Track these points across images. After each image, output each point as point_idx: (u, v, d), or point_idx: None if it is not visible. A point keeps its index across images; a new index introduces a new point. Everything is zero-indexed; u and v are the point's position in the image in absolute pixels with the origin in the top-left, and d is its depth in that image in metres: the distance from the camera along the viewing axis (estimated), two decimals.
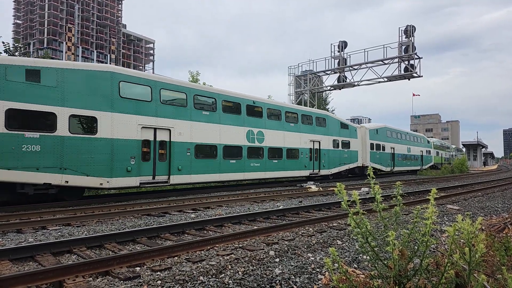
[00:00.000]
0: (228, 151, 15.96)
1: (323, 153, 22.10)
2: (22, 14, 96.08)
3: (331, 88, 32.23)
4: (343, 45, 29.66)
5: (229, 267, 4.58)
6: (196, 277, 4.18)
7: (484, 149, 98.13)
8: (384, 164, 29.67)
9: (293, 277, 4.26)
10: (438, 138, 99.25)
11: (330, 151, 22.75)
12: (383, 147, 29.58)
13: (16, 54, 20.42)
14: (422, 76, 26.89)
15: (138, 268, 4.65)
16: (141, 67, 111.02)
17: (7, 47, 20.05)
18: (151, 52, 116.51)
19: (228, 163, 15.97)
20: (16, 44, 22.08)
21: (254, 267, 4.59)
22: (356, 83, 29.84)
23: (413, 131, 57.72)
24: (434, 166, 44.52)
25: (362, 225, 2.68)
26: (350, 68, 29.70)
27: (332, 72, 30.90)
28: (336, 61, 30.07)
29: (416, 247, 2.60)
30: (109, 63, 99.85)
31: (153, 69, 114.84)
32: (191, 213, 9.69)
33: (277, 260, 4.96)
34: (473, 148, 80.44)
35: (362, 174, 26.65)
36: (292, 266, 4.67)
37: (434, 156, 45.56)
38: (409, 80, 27.96)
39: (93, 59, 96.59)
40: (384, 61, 27.76)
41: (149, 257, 4.98)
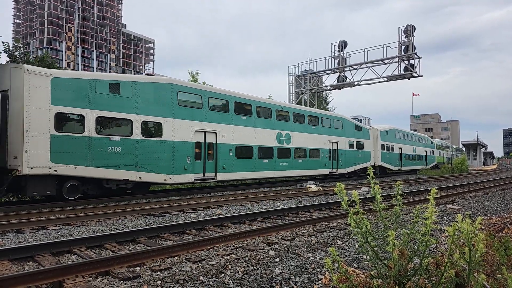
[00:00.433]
0: (262, 151, 17.83)
1: (340, 153, 23.85)
2: (22, 13, 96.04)
3: (331, 88, 32.23)
4: (343, 44, 29.66)
5: (229, 267, 4.58)
6: (196, 277, 4.18)
7: (484, 148, 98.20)
8: (393, 164, 31.36)
9: (293, 277, 4.26)
10: (438, 137, 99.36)
11: (346, 152, 24.45)
12: (392, 148, 31.28)
13: (16, 54, 20.37)
14: (422, 75, 26.92)
15: (138, 268, 4.65)
16: (141, 67, 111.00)
17: (7, 47, 20.02)
18: (151, 51, 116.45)
19: (262, 162, 17.79)
20: (16, 44, 22.04)
21: (254, 267, 4.59)
22: (356, 83, 29.85)
23: (413, 130, 58.71)
24: (436, 165, 45.56)
25: (362, 224, 2.68)
26: (350, 68, 29.71)
27: (332, 72, 30.91)
28: (336, 60, 30.08)
29: (416, 247, 2.60)
30: (109, 63, 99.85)
31: (153, 69, 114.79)
32: (191, 213, 9.69)
33: (277, 260, 4.96)
34: (473, 147, 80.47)
35: (374, 173, 27.14)
36: (292, 266, 4.67)
37: (437, 156, 47.25)
38: (409, 79, 27.96)
39: (93, 59, 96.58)
40: (384, 61, 27.76)
41: (149, 257, 4.97)
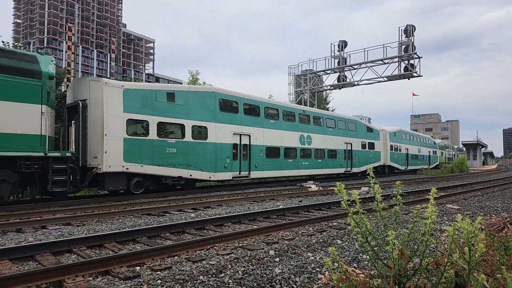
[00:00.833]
0: (287, 152, 19.43)
1: (354, 154, 25.43)
2: (22, 13, 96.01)
3: (331, 88, 32.23)
4: (343, 44, 29.64)
5: (229, 266, 4.58)
6: (196, 277, 4.18)
7: (483, 148, 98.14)
8: (400, 163, 32.99)
9: (293, 276, 4.26)
10: (438, 137, 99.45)
11: (359, 152, 26.07)
12: (399, 148, 32.94)
13: None
14: (422, 75, 26.90)
15: (138, 268, 4.64)
16: (141, 67, 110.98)
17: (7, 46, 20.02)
18: (151, 51, 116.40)
19: (287, 162, 19.43)
20: (16, 43, 22.04)
21: (254, 267, 4.59)
22: (356, 83, 29.84)
23: (413, 130, 59.48)
24: (438, 165, 46.81)
25: (362, 224, 2.68)
26: (350, 68, 29.69)
27: (332, 72, 30.89)
28: (336, 60, 30.06)
29: (416, 247, 2.60)
30: (109, 62, 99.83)
31: (153, 68, 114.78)
32: (191, 212, 9.69)
33: (277, 259, 4.96)
34: (473, 147, 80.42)
35: (383, 172, 30.36)
36: (292, 265, 4.67)
37: (439, 156, 49.13)
38: (409, 79, 27.95)
39: (93, 59, 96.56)
40: (384, 61, 27.75)
41: (149, 257, 4.97)
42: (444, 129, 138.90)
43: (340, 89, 31.82)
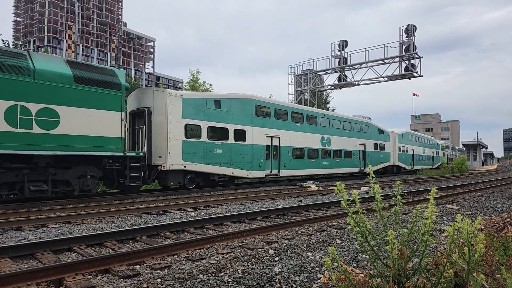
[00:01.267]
0: (310, 152, 21.18)
1: (367, 154, 27.09)
2: (22, 11, 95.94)
3: (332, 88, 32.23)
4: (344, 44, 29.63)
5: (229, 265, 4.59)
6: (196, 276, 4.18)
7: (484, 149, 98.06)
8: (407, 164, 34.74)
9: (292, 276, 4.27)
10: (438, 137, 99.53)
11: (371, 152, 27.77)
12: (406, 149, 34.73)
13: None
14: (422, 75, 26.91)
15: (138, 266, 4.65)
16: (141, 65, 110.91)
17: (7, 45, 20.01)
18: (151, 50, 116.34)
19: (310, 161, 21.18)
20: (16, 42, 22.04)
21: (254, 266, 4.59)
22: (356, 83, 29.84)
23: (413, 130, 60.16)
24: (440, 164, 48.01)
25: (361, 224, 2.69)
26: (351, 68, 29.68)
27: (333, 71, 30.89)
28: (337, 60, 30.05)
29: (415, 247, 2.61)
30: (109, 61, 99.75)
31: (153, 67, 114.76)
32: (191, 211, 9.70)
33: (276, 259, 4.96)
34: (473, 148, 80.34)
35: (392, 172, 32.45)
36: (291, 265, 4.68)
37: (441, 157, 50.97)
38: (409, 79, 27.96)
39: (93, 57, 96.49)
40: (384, 61, 27.75)
41: (149, 255, 4.98)
42: (444, 129, 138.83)
43: (340, 89, 31.81)
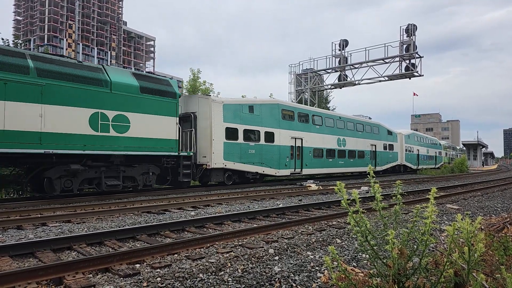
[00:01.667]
0: (328, 152, 22.81)
1: (378, 154, 28.62)
2: (23, 10, 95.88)
3: (332, 87, 32.20)
4: (344, 43, 29.58)
5: (229, 264, 4.59)
6: (196, 275, 4.19)
7: (484, 148, 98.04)
8: (413, 163, 36.35)
9: (292, 275, 4.27)
10: (438, 137, 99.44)
11: (381, 152, 29.33)
12: (412, 149, 36.43)
13: None
14: (423, 75, 26.89)
15: (138, 265, 4.65)
16: (141, 64, 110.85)
17: (7, 44, 19.98)
18: (152, 49, 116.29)
19: (328, 161, 22.83)
20: (16, 41, 22.01)
21: (254, 265, 4.60)
22: (357, 82, 29.81)
23: (414, 130, 60.75)
24: (442, 164, 49.25)
25: (361, 223, 2.69)
26: (351, 67, 29.65)
27: (333, 71, 30.85)
28: (337, 59, 30.00)
29: (415, 246, 2.61)
30: (109, 60, 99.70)
31: (154, 66, 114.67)
32: (191, 210, 9.70)
33: (276, 258, 4.97)
34: (473, 147, 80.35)
35: (399, 171, 34.13)
36: (291, 264, 4.68)
37: (444, 157, 53.19)
38: (410, 79, 27.93)
39: (93, 56, 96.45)
40: (385, 60, 27.72)
41: (149, 254, 4.98)
42: (445, 129, 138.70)
43: (340, 88, 31.78)
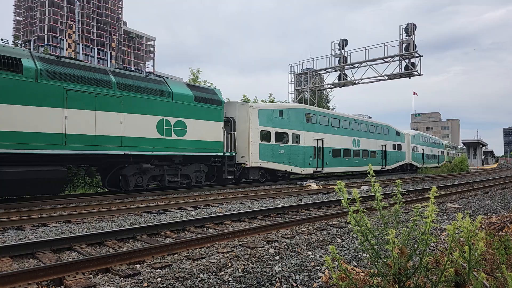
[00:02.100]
0: (345, 152, 24.40)
1: (388, 154, 30.29)
2: (23, 10, 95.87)
3: (332, 86, 32.18)
4: (344, 43, 29.56)
5: (229, 264, 4.59)
6: (196, 274, 4.18)
7: (484, 147, 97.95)
8: (418, 162, 38.16)
9: (292, 274, 4.27)
10: (439, 136, 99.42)
11: (391, 152, 31.02)
12: (417, 149, 38.25)
13: None
14: (422, 74, 26.83)
15: (138, 265, 4.65)
16: (141, 64, 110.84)
17: (7, 45, 19.96)
18: (152, 49, 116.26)
19: (345, 160, 24.43)
20: (15, 41, 22.03)
21: (254, 265, 4.59)
22: (356, 81, 29.79)
23: (414, 129, 61.30)
24: (444, 163, 50.62)
25: (362, 223, 2.68)
26: (351, 66, 29.62)
27: (333, 70, 30.83)
28: (337, 59, 29.98)
29: (415, 245, 2.60)
30: (110, 60, 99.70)
31: (154, 66, 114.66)
32: (191, 210, 9.70)
33: (277, 257, 4.96)
34: (473, 146, 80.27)
35: (406, 169, 35.61)
36: (292, 263, 4.67)
37: (445, 155, 54.98)
38: (409, 78, 27.90)
39: (93, 56, 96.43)
40: (384, 59, 27.69)
41: (149, 254, 4.98)
42: (445, 128, 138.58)
43: (340, 87, 31.76)
